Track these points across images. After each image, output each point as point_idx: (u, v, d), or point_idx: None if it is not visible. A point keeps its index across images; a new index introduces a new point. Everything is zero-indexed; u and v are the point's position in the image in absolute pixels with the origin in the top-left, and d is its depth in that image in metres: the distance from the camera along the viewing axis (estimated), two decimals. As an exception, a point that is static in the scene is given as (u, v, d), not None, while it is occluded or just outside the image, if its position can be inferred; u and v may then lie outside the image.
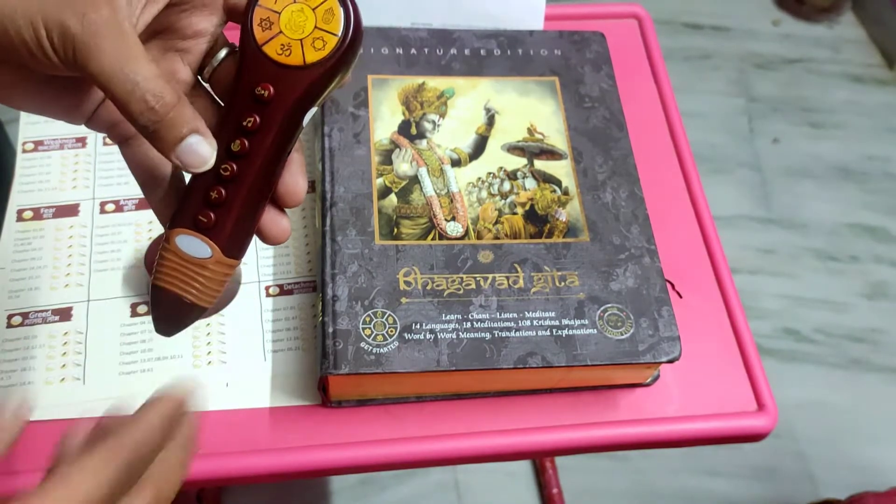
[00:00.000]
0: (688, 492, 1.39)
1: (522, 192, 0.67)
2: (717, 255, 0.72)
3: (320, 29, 0.35)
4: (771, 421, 0.64)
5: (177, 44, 0.37)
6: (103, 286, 0.67)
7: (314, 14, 0.35)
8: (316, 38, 0.35)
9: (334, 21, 0.35)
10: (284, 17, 0.35)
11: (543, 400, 0.64)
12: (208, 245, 0.36)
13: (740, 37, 2.00)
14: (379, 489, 1.35)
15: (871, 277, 1.64)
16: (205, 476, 0.59)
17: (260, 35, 0.35)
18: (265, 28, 0.35)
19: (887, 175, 1.79)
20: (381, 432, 0.62)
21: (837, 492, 1.27)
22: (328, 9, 0.35)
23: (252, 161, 0.35)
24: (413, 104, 0.71)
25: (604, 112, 0.73)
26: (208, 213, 0.36)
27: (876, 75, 1.95)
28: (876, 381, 1.52)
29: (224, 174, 0.35)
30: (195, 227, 0.36)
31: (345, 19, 0.36)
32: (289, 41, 0.35)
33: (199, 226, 0.36)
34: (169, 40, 0.37)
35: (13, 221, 0.70)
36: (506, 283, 0.62)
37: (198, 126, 0.35)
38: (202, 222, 0.36)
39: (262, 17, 0.35)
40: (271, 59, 0.35)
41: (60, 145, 0.75)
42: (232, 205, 0.36)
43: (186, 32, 0.37)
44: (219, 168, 0.35)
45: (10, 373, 0.62)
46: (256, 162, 0.35)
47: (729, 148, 1.80)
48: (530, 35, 0.76)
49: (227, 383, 0.63)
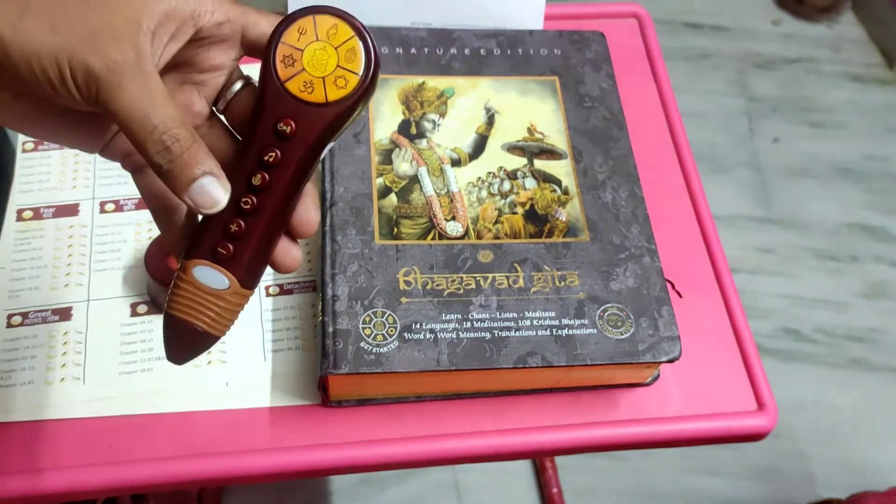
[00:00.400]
0: (688, 491, 1.39)
1: (522, 191, 0.67)
2: (717, 254, 0.72)
3: (342, 68, 0.36)
4: (771, 420, 0.64)
5: (194, 77, 0.38)
6: (103, 286, 0.67)
7: (336, 53, 0.36)
8: (338, 76, 0.36)
9: (356, 60, 0.36)
10: (307, 55, 0.36)
11: (543, 400, 0.64)
12: (226, 277, 0.37)
13: (740, 36, 2.00)
14: (379, 489, 1.35)
15: (870, 277, 1.64)
16: (205, 476, 0.59)
17: (283, 72, 0.36)
18: (288, 65, 0.36)
19: (887, 175, 1.79)
20: (381, 432, 0.62)
21: (837, 491, 1.28)
22: (350, 48, 0.36)
23: (271, 195, 0.36)
24: (413, 104, 0.71)
25: (604, 112, 0.73)
26: (227, 245, 0.36)
27: (876, 75, 1.95)
28: (876, 381, 1.52)
29: (244, 207, 0.36)
30: (214, 259, 0.36)
31: (365, 59, 0.36)
32: (311, 79, 0.36)
33: (217, 257, 0.36)
34: (186, 73, 0.38)
35: (13, 221, 0.70)
36: (506, 283, 0.62)
37: (212, 168, 0.35)
38: (221, 254, 0.36)
39: (284, 54, 0.36)
40: (294, 95, 0.36)
41: (60, 145, 0.75)
42: (251, 237, 0.36)
43: (204, 66, 0.38)
44: (239, 201, 0.36)
45: (9, 373, 0.62)
46: (276, 195, 0.36)
47: (729, 148, 1.80)
48: (530, 35, 0.76)
49: (227, 383, 0.63)
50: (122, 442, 0.60)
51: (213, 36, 0.37)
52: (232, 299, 0.37)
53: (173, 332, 0.38)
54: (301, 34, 0.36)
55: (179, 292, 0.37)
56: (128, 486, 0.59)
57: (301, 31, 0.36)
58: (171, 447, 0.60)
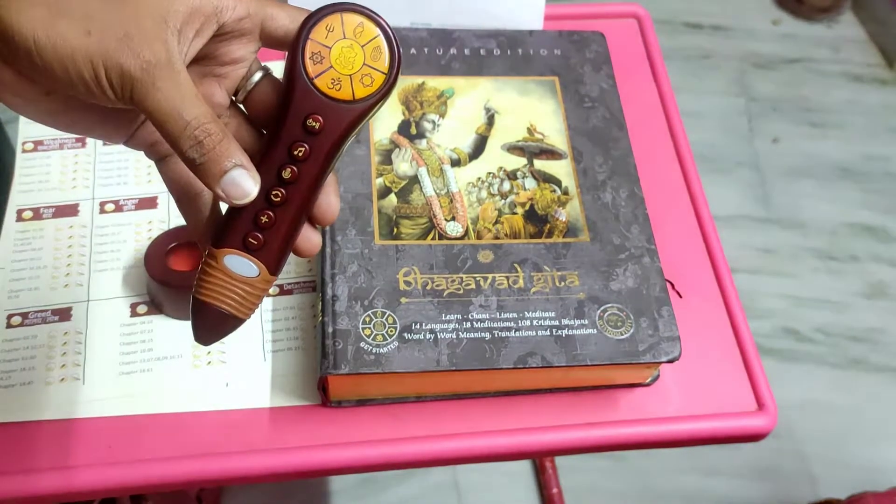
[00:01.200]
0: (687, 492, 1.39)
1: (522, 191, 0.67)
2: (717, 254, 0.72)
3: (368, 66, 0.37)
4: (771, 420, 0.64)
5: (215, 70, 0.39)
6: (103, 286, 0.67)
7: (363, 51, 0.37)
8: (364, 74, 0.37)
9: (381, 59, 0.37)
10: (335, 53, 0.37)
11: (543, 400, 0.64)
12: (256, 265, 0.38)
13: (740, 36, 2.00)
14: (379, 489, 1.35)
15: (870, 277, 1.64)
16: (204, 476, 0.59)
17: (311, 68, 0.37)
18: (316, 62, 0.37)
19: (887, 175, 1.79)
20: (380, 432, 0.62)
21: (837, 491, 1.28)
22: (376, 46, 0.37)
23: (300, 187, 0.37)
24: (413, 104, 0.71)
25: (603, 112, 0.73)
26: (257, 235, 0.38)
27: (876, 75, 1.95)
28: (876, 381, 1.52)
29: (274, 199, 0.37)
30: (244, 248, 0.38)
31: (390, 57, 0.38)
32: (339, 76, 0.37)
33: (248, 247, 0.38)
34: (207, 66, 0.39)
35: (13, 221, 0.70)
36: (506, 283, 0.62)
37: (242, 160, 0.36)
38: (252, 244, 0.38)
39: (313, 51, 0.37)
40: (322, 92, 0.37)
41: (60, 145, 0.75)
42: (280, 227, 0.38)
43: (224, 59, 0.39)
44: (269, 193, 0.37)
45: (9, 373, 0.62)
46: (304, 187, 0.37)
47: (728, 148, 1.80)
48: (530, 35, 0.76)
49: (227, 383, 0.63)
50: (122, 442, 0.60)
51: (234, 30, 0.38)
52: (259, 285, 0.39)
53: (202, 315, 0.39)
54: (329, 31, 0.37)
55: (208, 279, 0.38)
56: (127, 487, 0.59)
57: (329, 28, 0.37)
58: (171, 447, 0.60)
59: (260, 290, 0.39)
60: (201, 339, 0.40)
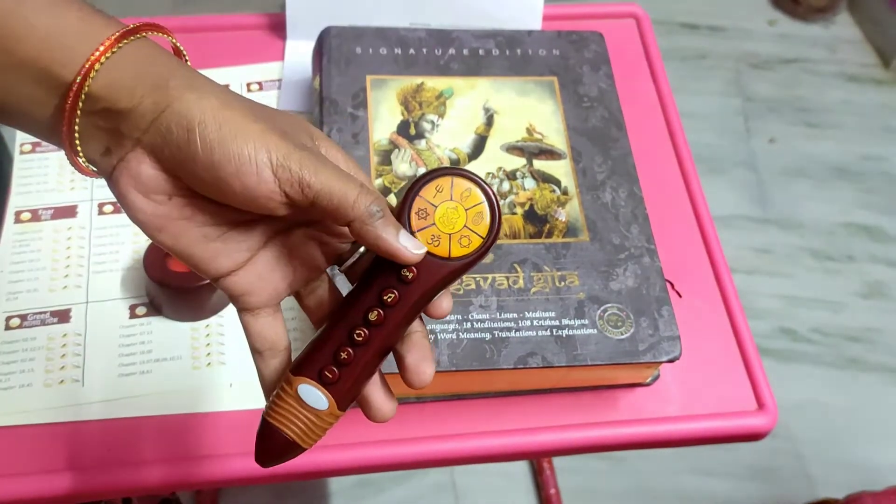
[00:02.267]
0: (685, 492, 1.39)
1: (522, 192, 0.67)
2: (717, 254, 0.72)
3: (469, 228, 0.39)
4: (771, 420, 0.64)
5: (321, 236, 0.41)
6: (102, 288, 0.67)
7: (466, 214, 0.40)
8: (463, 235, 0.39)
9: (482, 224, 0.40)
10: (440, 212, 0.39)
11: (543, 400, 0.64)
12: (327, 398, 0.39)
13: (736, 37, 2.01)
14: (376, 491, 1.35)
15: (867, 277, 1.64)
16: (205, 478, 0.59)
17: (415, 222, 0.39)
18: (421, 217, 0.39)
19: (883, 175, 1.79)
20: (380, 433, 0.61)
21: (835, 491, 1.28)
22: (479, 212, 0.40)
23: (383, 330, 0.39)
24: (412, 104, 0.71)
25: (602, 112, 0.73)
26: (334, 370, 0.39)
27: (872, 75, 1.96)
28: (873, 381, 1.52)
29: (357, 338, 0.39)
30: (319, 381, 0.39)
31: (490, 224, 0.40)
32: (439, 233, 0.39)
33: (323, 380, 0.39)
34: (315, 231, 0.41)
35: (11, 223, 0.70)
36: (505, 284, 0.62)
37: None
38: (327, 377, 0.39)
39: (420, 206, 0.39)
40: None
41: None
42: (356, 366, 0.39)
43: (333, 230, 0.41)
44: (352, 332, 0.39)
45: (8, 375, 0.62)
46: (386, 332, 0.39)
47: (725, 148, 1.81)
48: (529, 35, 0.76)
49: (230, 384, 0.63)
50: (122, 444, 0.60)
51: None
52: (326, 419, 0.40)
53: (267, 436, 0.40)
54: (438, 192, 0.40)
55: (281, 403, 0.40)
56: (127, 489, 0.59)
57: (438, 189, 0.40)
58: (171, 449, 0.60)
59: (326, 423, 0.40)
60: (261, 460, 0.41)
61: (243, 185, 0.36)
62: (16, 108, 0.36)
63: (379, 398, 0.41)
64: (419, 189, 0.39)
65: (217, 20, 0.84)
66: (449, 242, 0.39)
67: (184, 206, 0.38)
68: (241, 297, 0.40)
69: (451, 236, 0.39)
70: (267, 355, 0.41)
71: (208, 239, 0.39)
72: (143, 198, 0.37)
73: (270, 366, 0.41)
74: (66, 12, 0.35)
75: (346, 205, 0.36)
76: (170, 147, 0.35)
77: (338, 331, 0.39)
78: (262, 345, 0.41)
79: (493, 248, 0.64)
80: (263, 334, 0.41)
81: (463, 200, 0.40)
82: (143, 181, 0.36)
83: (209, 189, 0.36)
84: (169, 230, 0.38)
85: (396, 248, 0.37)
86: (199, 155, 0.35)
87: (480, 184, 0.40)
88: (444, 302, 0.41)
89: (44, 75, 0.35)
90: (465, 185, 0.40)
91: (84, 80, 0.35)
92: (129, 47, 0.36)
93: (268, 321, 0.41)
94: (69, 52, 0.35)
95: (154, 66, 0.36)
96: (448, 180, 0.40)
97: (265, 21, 0.84)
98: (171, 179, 0.37)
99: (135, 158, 0.36)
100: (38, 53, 0.35)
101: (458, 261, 0.39)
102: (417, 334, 0.41)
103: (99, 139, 0.37)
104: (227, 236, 0.39)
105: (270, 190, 0.36)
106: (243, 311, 0.41)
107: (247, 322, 0.41)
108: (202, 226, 0.38)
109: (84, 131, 0.36)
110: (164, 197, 0.37)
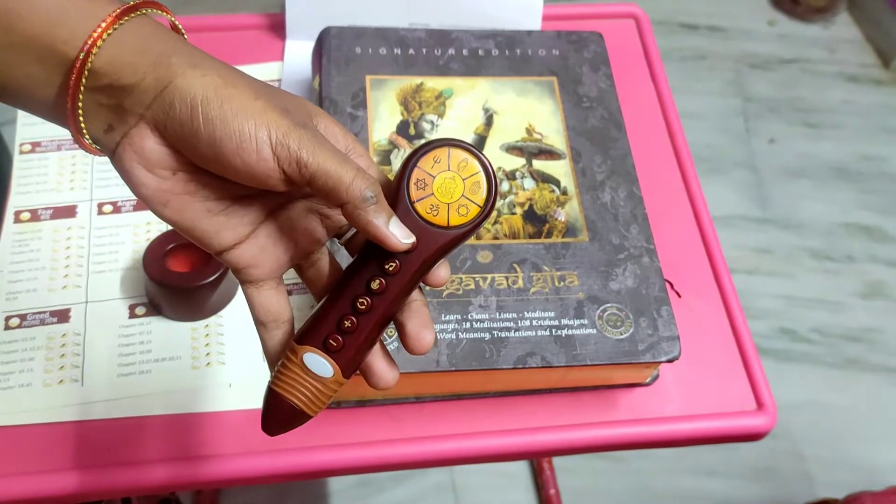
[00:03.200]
0: (685, 492, 1.39)
1: (521, 192, 0.67)
2: (716, 254, 0.72)
3: (466, 198, 0.40)
4: (770, 420, 0.64)
5: (322, 209, 0.42)
6: (101, 288, 0.67)
7: (463, 184, 0.40)
8: (461, 204, 0.40)
9: (479, 193, 0.40)
10: (437, 182, 0.40)
11: (543, 400, 0.64)
12: (332, 366, 0.40)
13: (736, 37, 2.01)
14: (376, 491, 1.35)
15: (867, 277, 1.64)
16: (205, 478, 0.59)
17: (414, 193, 0.40)
18: (419, 188, 0.40)
19: (883, 175, 1.79)
20: (380, 433, 0.61)
21: (834, 491, 1.28)
22: (476, 181, 0.41)
23: (384, 298, 0.40)
24: (411, 104, 0.71)
25: (602, 112, 0.73)
26: (338, 338, 0.40)
27: (871, 75, 1.96)
28: (872, 381, 1.52)
29: (360, 307, 0.40)
30: (324, 349, 0.40)
31: (487, 192, 0.40)
32: (438, 203, 0.40)
33: (328, 348, 0.40)
34: (316, 204, 0.42)
35: (11, 223, 0.70)
36: (505, 284, 0.62)
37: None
38: (332, 346, 0.40)
39: (418, 177, 0.40)
40: (420, 215, 0.40)
41: (58, 146, 0.75)
42: (360, 334, 0.40)
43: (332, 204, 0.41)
44: (355, 301, 0.39)
45: (8, 375, 0.62)
46: (388, 300, 0.40)
47: (725, 148, 1.81)
48: (528, 35, 0.76)
49: (230, 384, 0.63)
50: (121, 444, 0.60)
51: None
52: (331, 386, 0.40)
53: (274, 405, 0.41)
54: (436, 162, 0.40)
55: (286, 372, 0.40)
56: (127, 489, 0.59)
57: (436, 159, 0.41)
58: (170, 449, 0.60)
59: (331, 390, 0.41)
60: (268, 428, 0.42)
61: (243, 162, 0.36)
62: (18, 87, 0.37)
63: (381, 366, 0.42)
64: (417, 160, 0.40)
65: (217, 20, 0.84)
66: (447, 212, 0.40)
67: (188, 181, 0.38)
68: (244, 269, 0.41)
69: (450, 206, 0.40)
70: (271, 327, 0.42)
71: (212, 213, 0.39)
72: (148, 172, 0.37)
73: (275, 337, 0.42)
74: None
75: (340, 188, 0.37)
76: (173, 123, 0.36)
77: (341, 300, 0.40)
78: (265, 316, 0.42)
79: (493, 248, 0.64)
80: (267, 306, 0.41)
81: (460, 170, 0.41)
82: (147, 156, 0.37)
83: (211, 164, 0.37)
84: (173, 205, 0.38)
85: (385, 234, 0.38)
86: (202, 131, 0.35)
87: (477, 154, 0.41)
88: (441, 271, 0.41)
89: (46, 52, 0.35)
90: (462, 156, 0.41)
91: (87, 56, 0.35)
92: (130, 24, 0.36)
93: (271, 293, 0.41)
94: (71, 28, 0.35)
95: (156, 42, 0.36)
96: (445, 151, 0.41)
97: (265, 21, 0.84)
98: (175, 154, 0.37)
99: (138, 134, 0.36)
100: (39, 30, 0.35)
101: (457, 229, 0.40)
102: (417, 302, 0.41)
103: (102, 116, 0.37)
104: (231, 210, 0.40)
105: (269, 167, 0.36)
106: (247, 284, 0.41)
107: (251, 295, 0.41)
108: (206, 200, 0.39)
109: (87, 108, 0.37)
110: (168, 172, 0.37)
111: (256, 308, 0.42)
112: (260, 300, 0.41)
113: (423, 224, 0.40)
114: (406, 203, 0.40)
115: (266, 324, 0.42)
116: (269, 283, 0.41)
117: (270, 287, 0.41)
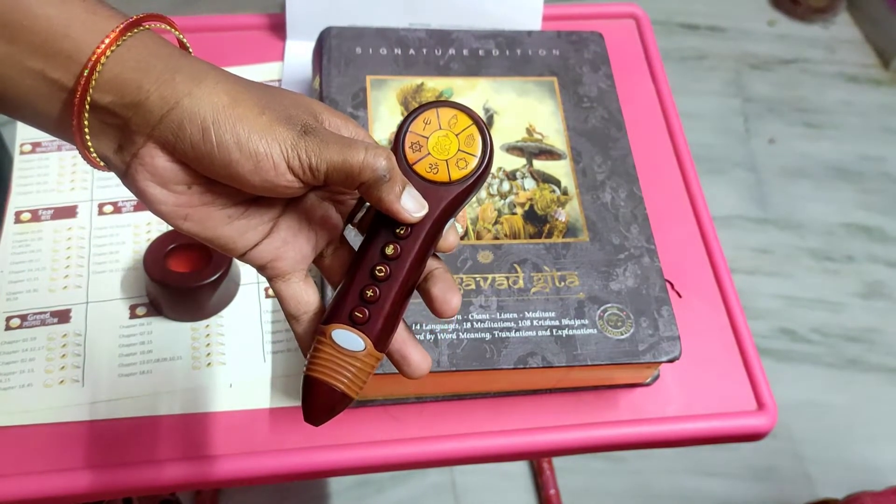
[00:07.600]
0: (685, 492, 1.39)
1: (521, 192, 0.67)
2: (717, 254, 0.72)
3: (463, 151, 0.41)
4: (771, 420, 0.64)
5: (335, 196, 0.43)
6: (102, 288, 0.67)
7: (457, 139, 0.42)
8: (459, 158, 0.41)
9: (474, 145, 0.41)
10: (432, 142, 0.41)
11: (543, 400, 0.64)
12: (362, 339, 0.40)
13: (736, 37, 2.01)
14: (376, 491, 1.35)
15: (866, 277, 1.64)
16: (205, 478, 0.59)
17: (411, 156, 0.41)
18: (415, 150, 0.41)
19: (883, 175, 1.79)
20: (380, 433, 0.61)
21: (834, 491, 1.28)
22: (469, 134, 0.42)
23: (402, 263, 0.40)
24: (412, 104, 0.71)
25: (602, 112, 0.73)
26: (363, 310, 0.40)
27: (871, 75, 1.96)
28: (872, 381, 1.52)
29: (379, 274, 0.40)
30: (351, 323, 0.40)
31: (482, 143, 0.42)
32: (436, 161, 0.41)
33: (354, 321, 0.40)
34: (328, 192, 0.42)
35: (11, 223, 0.70)
36: (505, 284, 0.62)
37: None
38: (358, 318, 0.40)
39: (412, 141, 0.41)
40: (421, 176, 0.41)
41: (58, 147, 0.75)
42: (384, 302, 0.40)
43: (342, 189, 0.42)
44: (373, 269, 0.40)
45: (8, 375, 0.62)
46: (406, 263, 0.40)
47: (725, 148, 1.81)
48: (528, 35, 0.76)
49: (230, 384, 0.63)
50: (122, 445, 0.60)
51: None
52: (367, 360, 0.40)
53: (312, 392, 0.40)
54: (426, 124, 0.42)
55: (319, 355, 0.40)
56: (127, 489, 0.59)
57: (426, 121, 0.42)
58: (171, 450, 0.60)
59: (368, 365, 0.40)
60: (311, 418, 0.41)
61: (263, 179, 0.37)
62: (22, 101, 0.36)
63: (416, 356, 0.42)
64: (408, 125, 0.42)
65: (217, 20, 0.84)
66: (447, 167, 0.41)
67: (203, 193, 0.38)
68: (269, 263, 0.41)
69: (448, 161, 0.41)
70: (303, 319, 0.42)
71: (232, 218, 0.40)
72: (164, 189, 0.37)
73: (307, 328, 0.42)
74: (71, 1, 0.35)
75: (353, 174, 0.37)
76: (183, 144, 0.36)
77: (360, 273, 0.40)
78: (296, 309, 0.42)
79: (494, 249, 0.64)
80: (297, 298, 0.42)
81: (452, 127, 0.42)
82: (161, 173, 0.37)
83: (226, 180, 0.37)
84: (193, 217, 0.39)
85: (397, 209, 0.39)
86: (216, 153, 0.36)
87: (465, 109, 0.42)
88: (450, 235, 0.42)
89: (49, 65, 0.35)
90: (451, 113, 0.42)
91: (91, 72, 0.35)
92: (132, 40, 0.36)
93: (299, 286, 0.42)
94: (74, 43, 0.35)
95: (159, 59, 0.36)
96: (433, 112, 0.42)
97: (265, 21, 0.84)
98: (187, 169, 0.37)
99: (147, 153, 0.36)
100: (42, 42, 0.35)
101: (461, 183, 0.41)
102: (439, 269, 0.42)
103: (109, 136, 0.37)
104: (250, 212, 0.40)
105: (288, 180, 0.37)
106: (274, 280, 0.42)
107: (279, 289, 0.42)
108: (224, 207, 0.39)
109: (93, 127, 0.37)
110: (183, 186, 0.38)
111: (287, 301, 0.42)
112: (289, 293, 0.42)
113: (425, 184, 0.41)
114: (405, 166, 0.41)
115: (298, 317, 0.42)
116: (297, 276, 0.42)
117: (298, 279, 0.42)
